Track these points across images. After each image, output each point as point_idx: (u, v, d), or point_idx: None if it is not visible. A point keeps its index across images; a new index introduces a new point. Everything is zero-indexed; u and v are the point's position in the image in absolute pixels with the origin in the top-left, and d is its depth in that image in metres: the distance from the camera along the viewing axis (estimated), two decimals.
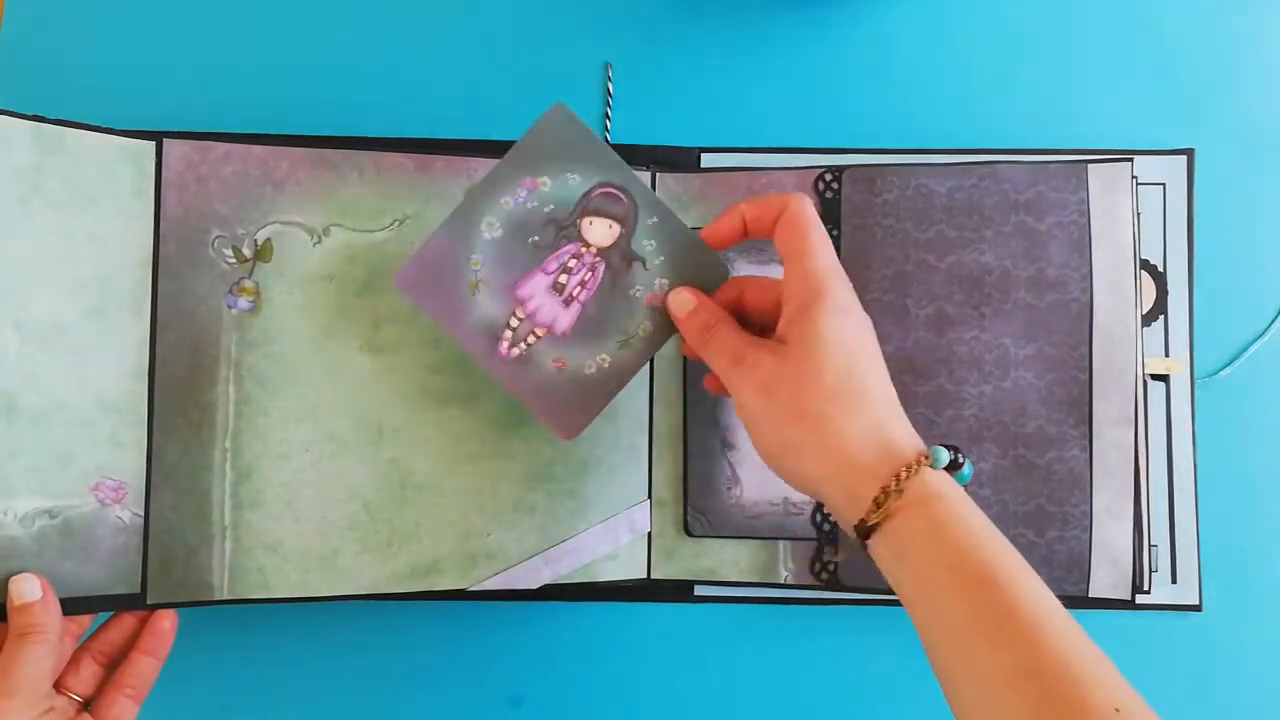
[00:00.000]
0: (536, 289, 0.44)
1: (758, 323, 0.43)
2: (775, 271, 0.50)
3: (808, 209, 0.40)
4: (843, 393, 0.37)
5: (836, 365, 0.38)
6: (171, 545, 0.46)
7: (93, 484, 0.44)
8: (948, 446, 0.38)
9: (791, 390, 0.38)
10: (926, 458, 0.37)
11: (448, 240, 0.43)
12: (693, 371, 0.50)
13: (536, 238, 0.44)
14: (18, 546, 0.43)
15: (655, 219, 0.44)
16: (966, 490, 0.38)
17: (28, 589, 0.42)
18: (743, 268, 0.51)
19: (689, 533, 0.50)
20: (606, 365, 0.44)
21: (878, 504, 0.36)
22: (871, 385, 0.38)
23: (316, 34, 0.54)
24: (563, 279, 0.44)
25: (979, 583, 0.34)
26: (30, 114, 0.44)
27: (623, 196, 0.44)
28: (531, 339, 0.44)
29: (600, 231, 0.44)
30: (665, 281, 0.44)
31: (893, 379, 0.49)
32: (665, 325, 0.44)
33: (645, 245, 0.44)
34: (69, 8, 0.53)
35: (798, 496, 0.50)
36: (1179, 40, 0.54)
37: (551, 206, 0.44)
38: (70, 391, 0.44)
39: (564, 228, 0.44)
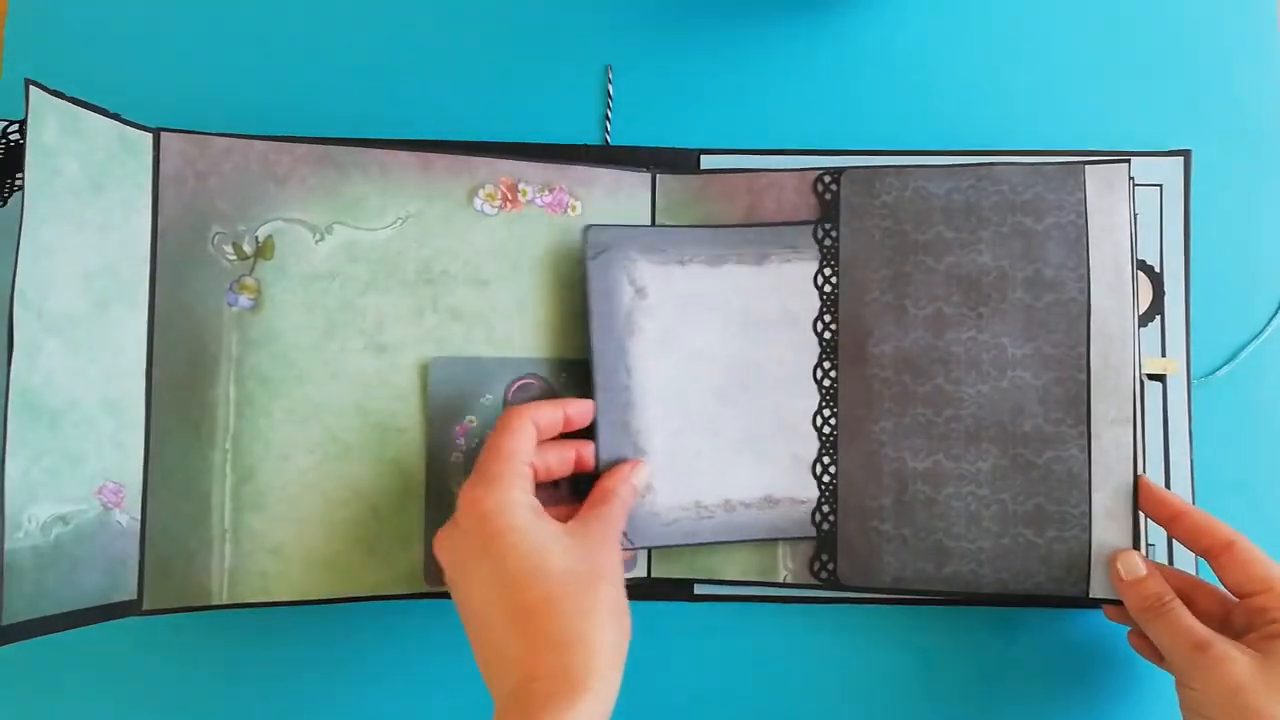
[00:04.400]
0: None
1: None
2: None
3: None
4: None
5: None
6: (169, 549, 0.45)
7: (97, 487, 0.43)
8: None
9: (1265, 698, 0.41)
10: None
11: None
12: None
13: None
14: (40, 558, 0.40)
15: (565, 374, 0.49)
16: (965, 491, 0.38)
17: None
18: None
19: None
20: None
21: None
22: None
23: (317, 38, 0.53)
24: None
25: None
26: (54, 89, 0.42)
27: (531, 380, 0.49)
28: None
29: None
30: None
31: (891, 379, 0.50)
32: None
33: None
34: (73, 9, 0.53)
35: (708, 499, 0.49)
36: (1176, 42, 0.55)
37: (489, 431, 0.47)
38: (80, 389, 0.42)
39: None
